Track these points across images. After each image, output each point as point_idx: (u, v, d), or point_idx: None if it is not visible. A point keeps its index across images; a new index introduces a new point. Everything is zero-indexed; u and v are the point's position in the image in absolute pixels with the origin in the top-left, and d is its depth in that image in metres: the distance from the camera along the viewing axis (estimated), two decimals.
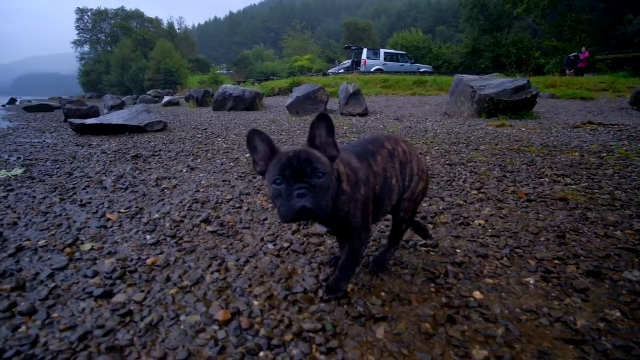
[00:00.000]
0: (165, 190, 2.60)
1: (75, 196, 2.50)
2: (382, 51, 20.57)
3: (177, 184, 2.74)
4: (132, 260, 1.54)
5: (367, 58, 19.73)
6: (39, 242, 1.72)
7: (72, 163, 3.68)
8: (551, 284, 1.38)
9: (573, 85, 11.29)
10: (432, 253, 1.63)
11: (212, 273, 1.42)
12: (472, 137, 4.90)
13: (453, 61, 27.59)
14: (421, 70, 19.71)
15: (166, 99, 15.95)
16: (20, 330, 1.10)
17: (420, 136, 5.05)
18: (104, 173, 3.18)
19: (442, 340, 1.07)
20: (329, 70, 23.99)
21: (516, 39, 24.98)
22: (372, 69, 19.07)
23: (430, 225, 1.96)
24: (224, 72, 38.07)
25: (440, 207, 2.24)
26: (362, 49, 20.74)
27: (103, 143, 5.06)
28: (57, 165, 3.55)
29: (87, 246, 1.68)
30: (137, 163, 3.60)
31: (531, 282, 1.40)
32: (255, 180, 2.81)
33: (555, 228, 1.90)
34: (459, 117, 7.21)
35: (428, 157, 3.70)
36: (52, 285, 1.34)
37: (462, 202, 2.32)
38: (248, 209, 2.15)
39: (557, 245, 1.70)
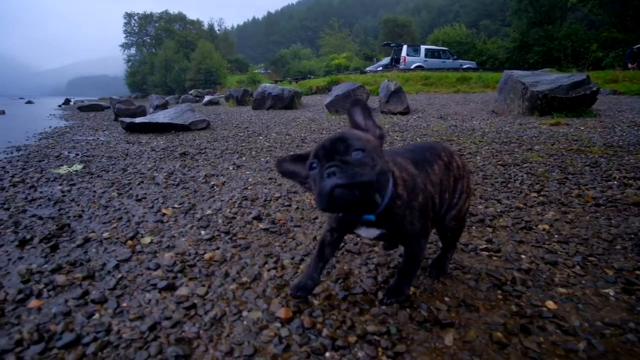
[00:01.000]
0: (215, 187, 2.68)
1: (131, 191, 2.64)
2: (422, 48, 20.11)
3: (225, 182, 2.82)
4: (190, 254, 1.59)
5: (407, 55, 19.35)
6: (103, 234, 1.83)
7: (125, 160, 3.89)
8: (635, 297, 1.27)
9: (638, 80, 10.41)
10: (494, 258, 1.56)
11: (269, 270, 1.44)
12: (525, 136, 4.65)
13: (499, 56, 26.38)
14: (464, 66, 19.06)
15: (207, 98, 16.53)
16: (94, 317, 1.17)
17: (467, 135, 4.86)
18: (155, 170, 3.33)
19: (518, 352, 1.01)
20: (367, 68, 23.78)
21: (570, 31, 23.43)
22: (412, 66, 18.69)
23: (490, 229, 1.87)
24: (262, 71, 38.89)
25: (498, 210, 2.13)
26: (401, 46, 20.38)
27: (151, 141, 5.32)
28: (112, 162, 3.77)
29: (147, 240, 1.76)
30: (185, 160, 3.75)
31: (611, 294, 1.29)
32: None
33: (633, 236, 1.75)
34: (508, 115, 6.88)
35: (478, 157, 3.55)
36: (119, 276, 1.42)
37: (521, 205, 2.20)
38: (297, 208, 2.16)
39: (637, 255, 1.56)
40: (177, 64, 40.35)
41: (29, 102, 29.93)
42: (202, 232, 1.84)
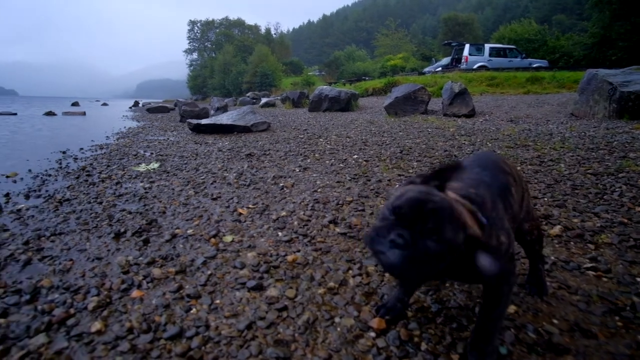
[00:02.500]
0: (285, 189, 2.73)
1: (206, 190, 2.78)
2: (487, 46, 19.08)
3: (294, 183, 2.87)
4: (272, 255, 1.63)
5: (470, 54, 18.47)
6: (188, 231, 1.93)
7: (196, 159, 4.12)
8: None
9: None
10: (604, 279, 1.40)
11: (354, 277, 1.42)
12: (615, 142, 4.20)
13: (574, 54, 24.24)
14: (534, 65, 17.76)
15: (264, 100, 17.10)
16: (191, 312, 1.23)
17: (544, 141, 4.51)
18: (225, 170, 3.49)
19: None
20: (426, 69, 23.11)
21: None
22: (475, 66, 17.80)
23: (591, 246, 1.70)
24: (316, 73, 39.45)
25: (598, 225, 1.93)
26: (463, 45, 19.50)
27: (217, 141, 5.59)
28: (184, 162, 4.01)
29: (228, 238, 1.83)
30: (251, 161, 3.88)
31: None
32: (371, 183, 2.79)
33: None
34: (591, 118, 6.28)
35: (562, 165, 3.27)
36: (208, 273, 1.49)
37: (625, 221, 1.97)
38: (372, 213, 2.13)
39: None
40: (235, 67, 42.31)
41: (104, 104, 33.05)
42: (280, 234, 1.88)
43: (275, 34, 58.98)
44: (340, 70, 38.07)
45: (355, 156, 3.87)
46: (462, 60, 18.58)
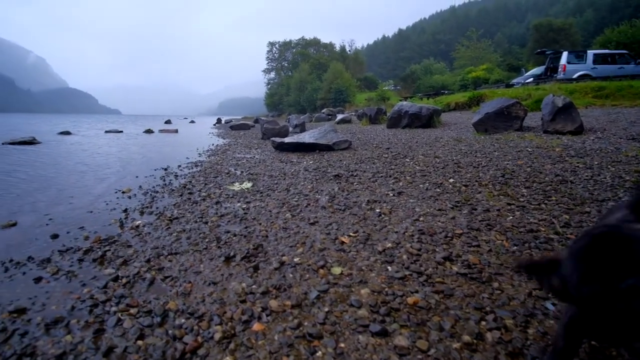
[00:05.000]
0: (383, 215, 2.64)
1: (302, 214, 2.81)
2: (589, 53, 17.12)
3: (391, 210, 2.77)
4: (387, 294, 1.54)
5: (568, 62, 16.73)
6: (295, 259, 1.94)
7: (285, 179, 4.23)
8: None
9: None
10: None
11: (490, 330, 1.27)
12: None
13: None
14: None
15: (339, 117, 17.34)
16: (317, 355, 1.19)
17: None
18: (317, 192, 3.51)
19: None
20: (514, 80, 21.53)
21: None
22: (575, 76, 16.08)
23: None
24: (391, 88, 39.16)
25: None
26: (560, 53, 17.77)
27: (301, 160, 5.73)
28: (275, 182, 4.15)
29: (337, 270, 1.79)
30: (340, 183, 3.87)
31: None
32: (477, 213, 2.58)
33: None
34: None
35: None
36: (325, 309, 1.45)
37: None
38: (490, 250, 1.94)
39: None
40: (310, 84, 43.86)
41: (192, 121, 36.40)
42: (389, 268, 1.79)
43: (349, 50, 60.16)
44: (416, 84, 37.33)
45: (452, 180, 3.65)
46: (559, 70, 16.93)
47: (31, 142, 10.02)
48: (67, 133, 14.56)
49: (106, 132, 16.51)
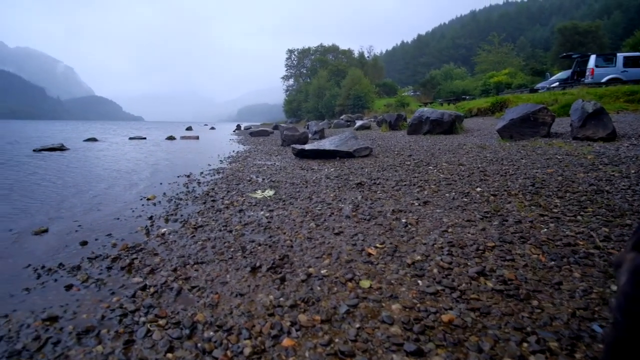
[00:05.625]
0: (409, 226, 2.58)
1: (326, 223, 2.78)
2: (619, 55, 16.52)
3: (418, 220, 2.70)
4: (420, 310, 1.49)
5: (596, 66, 16.21)
6: (321, 271, 1.91)
7: (307, 187, 4.22)
8: None
9: None
10: None
11: (534, 353, 1.20)
12: None
13: None
14: None
15: (358, 123, 17.29)
16: None
17: None
18: (340, 200, 3.48)
19: None
20: (539, 85, 21.01)
21: None
22: (604, 79, 15.55)
23: None
24: (410, 94, 38.86)
25: None
26: (587, 56, 17.23)
27: (322, 168, 5.71)
28: (297, 189, 4.13)
29: (365, 283, 1.75)
30: (363, 191, 3.83)
31: None
32: (509, 224, 2.49)
33: None
34: None
35: None
36: (356, 325, 1.41)
37: None
38: (526, 265, 1.85)
39: None
40: (328, 91, 44.00)
41: (212, 128, 37.05)
42: (420, 283, 1.74)
43: (368, 56, 60.17)
44: (436, 89, 36.93)
45: (479, 189, 3.55)
46: (587, 74, 16.42)
47: (60, 148, 10.38)
48: (94, 140, 15.03)
49: (130, 138, 16.98)
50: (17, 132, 24.50)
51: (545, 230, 2.32)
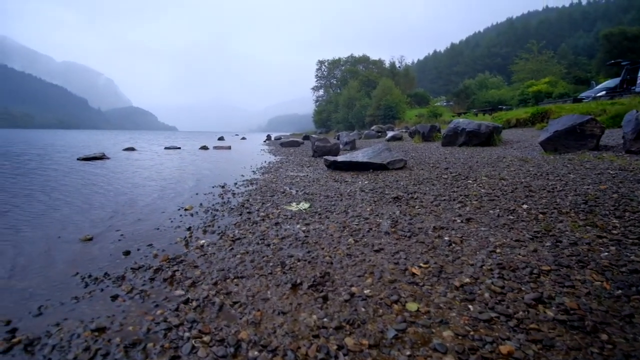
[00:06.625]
0: (453, 245, 2.49)
1: (365, 239, 2.72)
2: None
3: (462, 239, 2.60)
4: (474, 339, 1.41)
5: None
6: (365, 291, 1.86)
7: (342, 200, 4.18)
8: None
9: None
10: None
11: None
12: None
13: None
14: None
15: (390, 134, 17.12)
16: None
17: None
18: (377, 215, 3.41)
19: None
20: (583, 94, 20.07)
21: None
22: None
23: None
24: (443, 104, 38.21)
25: None
26: (639, 63, 16.33)
27: (355, 180, 5.66)
28: (332, 202, 4.10)
29: (412, 306, 1.68)
30: (400, 206, 3.74)
31: None
32: (563, 246, 2.34)
33: None
34: None
35: None
36: (407, 353, 1.35)
37: None
38: (588, 292, 1.72)
39: None
40: (358, 101, 44.05)
41: (243, 138, 37.85)
42: (471, 307, 1.65)
43: (399, 66, 59.86)
44: (470, 99, 36.12)
45: (525, 206, 3.38)
46: (638, 82, 15.53)
47: (101, 157, 10.92)
48: (132, 149, 15.72)
49: (165, 148, 17.62)
50: (63, 141, 26.05)
51: (606, 254, 2.16)
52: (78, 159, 10.70)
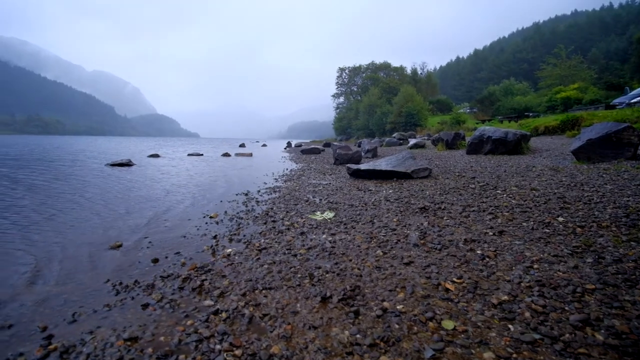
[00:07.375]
0: (487, 259, 2.40)
1: (393, 251, 2.67)
2: None
3: (496, 252, 2.51)
4: None
5: None
6: (397, 307, 1.81)
7: (367, 210, 4.13)
8: None
9: None
10: None
11: None
12: None
13: None
14: None
15: (412, 141, 16.93)
16: None
17: None
18: (404, 226, 3.35)
19: None
20: (616, 100, 19.33)
21: None
22: None
23: None
24: (466, 111, 37.58)
25: None
26: None
27: (380, 189, 5.59)
28: (356, 212, 4.06)
29: (448, 324, 1.62)
30: (428, 217, 3.67)
31: None
32: (606, 262, 2.22)
33: None
34: None
35: None
36: None
37: None
38: (639, 315, 1.62)
39: None
40: (379, 108, 43.87)
41: (264, 144, 38.24)
42: (511, 327, 1.58)
43: (421, 73, 59.39)
44: (495, 106, 35.39)
45: (561, 219, 3.25)
46: None
47: (127, 164, 11.23)
48: (156, 156, 16.12)
49: (188, 155, 17.99)
50: (92, 147, 27.01)
51: None
52: (106, 165, 11.06)
